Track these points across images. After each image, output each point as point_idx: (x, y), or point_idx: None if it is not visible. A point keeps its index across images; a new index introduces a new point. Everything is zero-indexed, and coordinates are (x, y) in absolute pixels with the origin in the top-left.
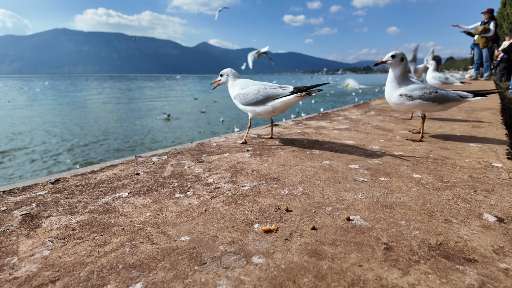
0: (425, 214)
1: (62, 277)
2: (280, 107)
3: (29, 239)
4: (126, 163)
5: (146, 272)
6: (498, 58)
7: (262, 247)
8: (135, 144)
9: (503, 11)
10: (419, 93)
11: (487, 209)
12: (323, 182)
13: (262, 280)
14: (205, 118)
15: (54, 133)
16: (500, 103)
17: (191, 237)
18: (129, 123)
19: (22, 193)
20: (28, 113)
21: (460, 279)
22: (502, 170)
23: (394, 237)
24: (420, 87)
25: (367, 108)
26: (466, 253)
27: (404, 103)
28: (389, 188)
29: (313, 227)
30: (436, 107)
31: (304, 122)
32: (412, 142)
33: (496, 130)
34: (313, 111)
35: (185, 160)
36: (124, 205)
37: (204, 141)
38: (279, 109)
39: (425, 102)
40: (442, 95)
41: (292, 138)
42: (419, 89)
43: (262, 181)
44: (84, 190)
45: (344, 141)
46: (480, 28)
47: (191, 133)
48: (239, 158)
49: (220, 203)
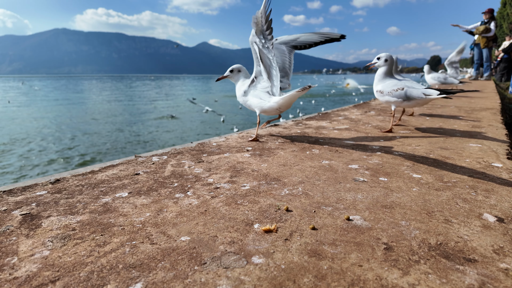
0: (425, 214)
1: (62, 277)
2: (285, 103)
3: (29, 239)
4: (126, 163)
5: (146, 272)
6: (498, 58)
7: (262, 247)
8: (135, 144)
9: (503, 11)
10: (388, 89)
11: (487, 209)
12: (323, 182)
13: (262, 280)
14: (206, 118)
15: (54, 133)
16: (500, 103)
17: (191, 237)
18: (130, 123)
19: (22, 193)
20: (37, 111)
21: (460, 279)
22: (502, 170)
23: (394, 237)
24: (392, 84)
25: (367, 108)
26: (466, 253)
27: (379, 98)
28: (389, 188)
29: (313, 227)
30: (403, 103)
31: (304, 122)
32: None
33: (496, 130)
34: (313, 111)
35: (185, 160)
36: (124, 205)
37: (204, 141)
38: (284, 105)
39: (392, 98)
40: (407, 92)
41: (292, 138)
42: (390, 86)
43: (262, 181)
44: (84, 190)
45: (344, 141)
46: (481, 28)
47: (192, 132)
48: (239, 158)
49: (220, 203)
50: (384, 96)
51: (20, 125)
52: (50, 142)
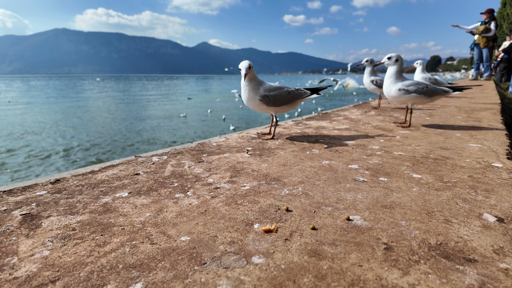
0: (425, 214)
1: (62, 277)
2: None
3: (29, 239)
4: (126, 163)
5: (146, 272)
6: (498, 58)
7: (262, 247)
8: (135, 144)
9: (503, 11)
10: (414, 88)
11: (487, 209)
12: (323, 182)
13: (262, 280)
14: (208, 118)
15: (56, 132)
16: (500, 103)
17: (191, 237)
18: (130, 123)
19: (22, 193)
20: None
21: (460, 279)
22: (502, 170)
23: (394, 237)
24: (415, 83)
25: (367, 108)
26: (466, 253)
27: (400, 96)
28: (389, 188)
29: (313, 227)
30: (425, 100)
31: (304, 122)
32: (402, 128)
33: (496, 130)
34: (313, 111)
35: (185, 160)
36: (124, 205)
37: (204, 141)
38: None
39: (419, 95)
40: (431, 89)
41: (292, 138)
42: (414, 84)
43: (262, 181)
44: (84, 190)
45: (344, 141)
46: (482, 28)
47: (192, 132)
48: (239, 158)
49: (220, 203)
50: (411, 94)
51: (19, 124)
52: (50, 142)
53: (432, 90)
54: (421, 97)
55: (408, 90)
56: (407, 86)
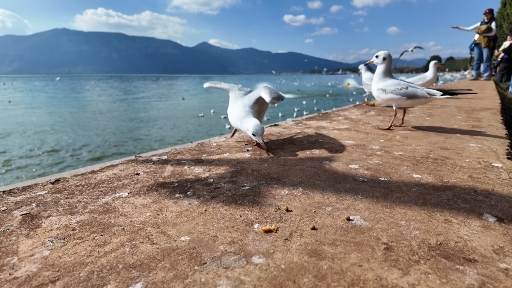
0: (425, 214)
1: (62, 277)
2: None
3: (29, 239)
4: (126, 163)
5: (146, 272)
6: (499, 58)
7: (262, 247)
8: (135, 144)
9: (503, 11)
10: (392, 88)
11: (487, 209)
12: (323, 182)
13: (262, 280)
14: (209, 117)
15: (56, 132)
16: (500, 103)
17: (191, 237)
18: (130, 123)
19: (22, 193)
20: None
21: (460, 279)
22: (502, 170)
23: (394, 237)
24: (394, 83)
25: (367, 108)
26: (466, 253)
27: (380, 95)
28: (389, 188)
29: (313, 227)
30: (406, 102)
31: (304, 122)
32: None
33: (496, 130)
34: (313, 111)
35: (185, 160)
36: (124, 205)
37: (204, 141)
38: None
39: (396, 96)
40: (411, 91)
41: (292, 138)
42: (394, 84)
43: (262, 181)
44: (84, 190)
45: (344, 141)
46: (483, 27)
47: (193, 132)
48: (239, 158)
49: (220, 203)
50: (387, 94)
51: (18, 124)
52: (50, 142)
53: (412, 92)
54: (399, 98)
55: (385, 90)
56: (386, 86)
